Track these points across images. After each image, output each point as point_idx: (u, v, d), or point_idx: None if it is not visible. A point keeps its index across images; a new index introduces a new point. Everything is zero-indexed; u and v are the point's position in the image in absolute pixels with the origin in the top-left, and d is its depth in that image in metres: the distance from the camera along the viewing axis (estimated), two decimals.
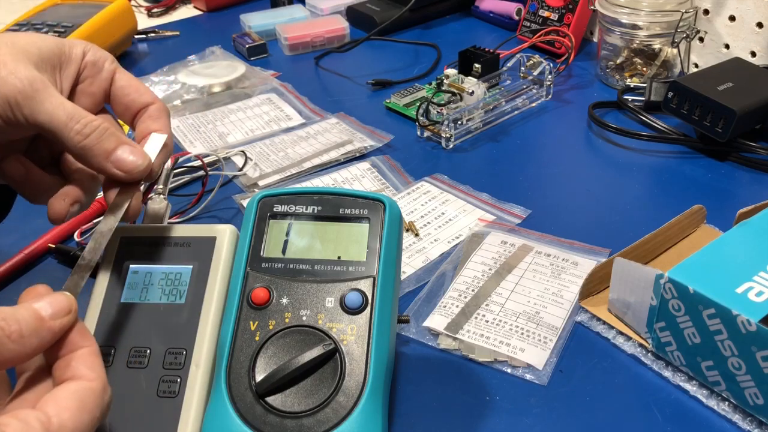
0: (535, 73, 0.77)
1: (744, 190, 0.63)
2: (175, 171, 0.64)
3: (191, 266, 0.42)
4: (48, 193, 0.41)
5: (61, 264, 0.58)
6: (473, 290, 0.52)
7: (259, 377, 0.37)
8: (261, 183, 0.66)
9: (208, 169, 0.64)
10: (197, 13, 1.12)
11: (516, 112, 0.77)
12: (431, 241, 0.58)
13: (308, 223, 0.42)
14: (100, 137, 0.38)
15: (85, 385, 0.31)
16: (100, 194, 0.65)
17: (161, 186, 0.54)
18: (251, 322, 0.39)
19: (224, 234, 0.43)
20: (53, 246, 0.58)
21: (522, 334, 0.48)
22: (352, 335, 0.38)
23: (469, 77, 0.76)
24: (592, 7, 0.83)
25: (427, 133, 0.73)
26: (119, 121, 0.45)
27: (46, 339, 0.31)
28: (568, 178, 0.67)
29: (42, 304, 0.31)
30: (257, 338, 0.38)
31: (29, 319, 0.30)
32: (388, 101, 0.79)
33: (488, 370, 0.46)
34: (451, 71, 0.77)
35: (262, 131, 0.75)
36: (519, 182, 0.66)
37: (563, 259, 0.54)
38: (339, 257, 0.41)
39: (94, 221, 0.61)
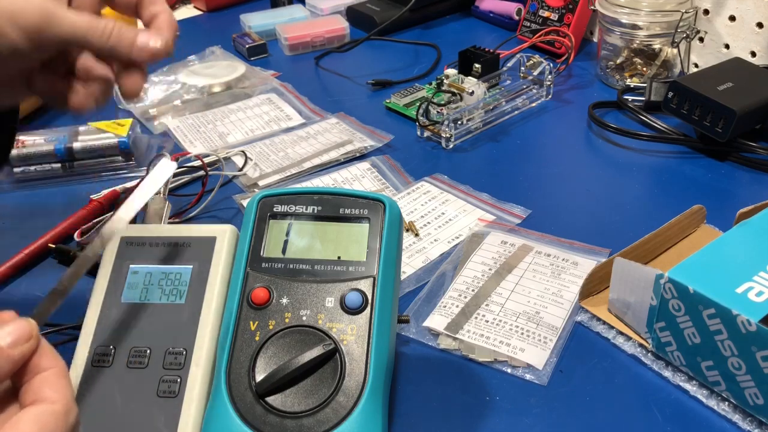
0: (535, 73, 0.77)
1: (744, 190, 0.63)
2: (175, 171, 0.64)
3: (191, 266, 0.42)
4: (71, 97, 0.44)
5: (61, 264, 0.58)
6: (473, 290, 0.52)
7: (259, 377, 0.37)
8: (261, 183, 0.66)
9: (208, 169, 0.64)
10: (197, 13, 1.12)
11: (516, 112, 0.77)
12: (431, 241, 0.58)
13: (308, 223, 0.42)
14: (120, 33, 0.43)
15: (46, 408, 0.31)
16: (100, 194, 0.65)
17: (161, 186, 0.54)
18: (251, 322, 0.39)
19: (224, 234, 0.43)
20: (53, 246, 0.58)
21: (522, 334, 0.48)
22: (352, 335, 0.38)
23: (469, 77, 0.76)
24: (592, 7, 0.83)
25: (427, 133, 0.73)
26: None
27: (5, 369, 0.31)
28: (568, 178, 0.67)
29: (0, 334, 0.31)
30: (257, 338, 0.38)
31: None
32: (388, 101, 0.79)
33: (488, 370, 0.46)
34: (451, 71, 0.77)
35: (262, 131, 0.75)
36: (519, 182, 0.66)
37: (563, 259, 0.54)
38: (339, 257, 0.41)
39: (95, 221, 0.61)
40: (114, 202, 0.62)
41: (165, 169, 0.42)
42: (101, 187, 0.66)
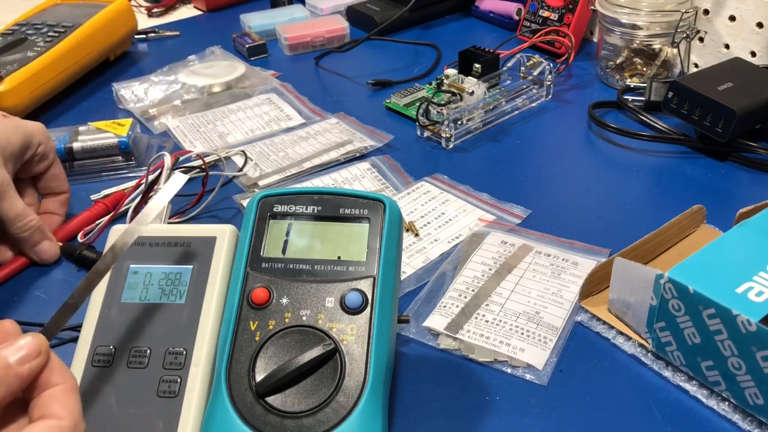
0: (535, 73, 0.77)
1: (744, 190, 0.63)
2: (176, 170, 0.64)
3: (191, 266, 0.42)
4: None
5: (68, 261, 0.58)
6: (473, 290, 0.52)
7: (259, 377, 0.37)
8: (261, 183, 0.66)
9: (209, 168, 0.64)
10: (197, 13, 1.12)
11: (516, 112, 0.77)
12: (431, 241, 0.58)
13: (308, 223, 0.42)
14: (32, 233, 0.55)
15: (53, 424, 0.31)
16: (101, 194, 0.65)
17: (161, 186, 0.54)
18: (251, 322, 0.39)
19: (224, 234, 0.43)
20: (61, 244, 0.58)
21: (522, 334, 0.48)
22: (352, 335, 0.38)
23: (469, 77, 0.76)
24: (592, 7, 0.83)
25: (427, 133, 0.73)
26: None
27: (14, 385, 0.31)
28: (568, 178, 0.67)
29: (8, 351, 0.31)
30: (257, 338, 0.38)
31: None
32: (388, 101, 0.79)
33: (488, 370, 0.46)
34: (451, 71, 0.77)
35: (262, 131, 0.75)
36: (519, 182, 0.66)
37: (563, 259, 0.54)
38: (339, 257, 0.41)
39: (97, 222, 0.61)
40: (117, 204, 0.62)
41: (176, 183, 0.43)
42: (101, 187, 0.66)
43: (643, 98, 0.74)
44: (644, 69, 0.80)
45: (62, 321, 0.36)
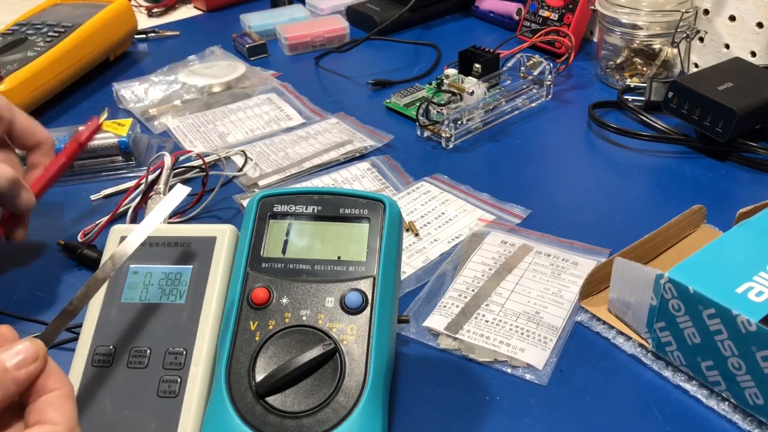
0: (535, 73, 0.77)
1: (744, 190, 0.63)
2: (175, 170, 0.64)
3: (191, 266, 0.42)
4: None
5: (69, 260, 0.58)
6: (473, 290, 0.52)
7: (259, 377, 0.37)
8: (261, 183, 0.66)
9: (209, 168, 0.64)
10: (197, 13, 1.12)
11: (516, 112, 0.77)
12: (431, 241, 0.58)
13: (308, 223, 0.42)
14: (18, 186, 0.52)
15: (49, 429, 0.31)
16: (101, 194, 0.65)
17: (161, 186, 0.54)
18: (251, 322, 0.39)
19: (224, 234, 0.43)
20: (61, 243, 0.58)
21: (522, 334, 0.48)
22: (352, 335, 0.38)
23: (469, 77, 0.76)
24: (592, 7, 0.83)
25: (427, 133, 0.73)
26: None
27: (11, 390, 0.31)
28: (568, 178, 0.67)
29: (6, 355, 0.31)
30: (257, 338, 0.38)
31: None
32: (388, 101, 0.79)
33: (488, 370, 0.46)
34: (451, 71, 0.77)
35: (262, 131, 0.75)
36: (519, 182, 0.66)
37: (563, 259, 0.54)
38: (339, 257, 0.41)
39: (97, 222, 0.61)
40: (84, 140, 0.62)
41: (178, 194, 0.42)
42: (101, 187, 0.66)
43: (643, 98, 0.74)
44: (644, 69, 0.80)
45: (61, 327, 0.36)
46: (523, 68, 0.78)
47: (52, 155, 0.59)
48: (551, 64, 0.77)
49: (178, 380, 0.39)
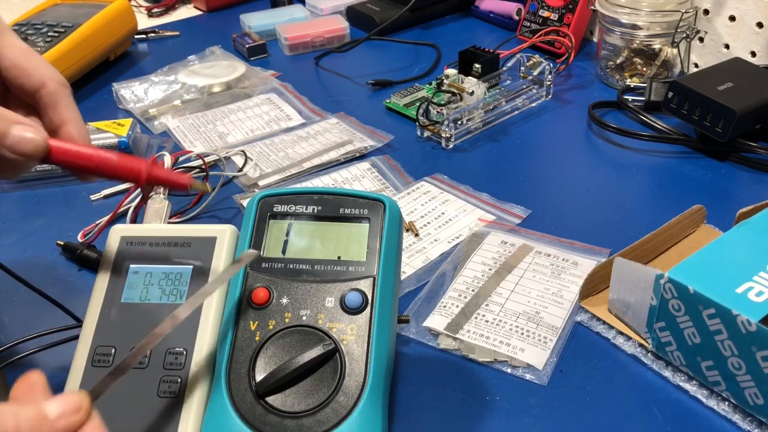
0: (535, 73, 0.77)
1: (744, 190, 0.63)
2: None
3: (191, 266, 0.42)
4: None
5: (69, 260, 0.58)
6: (473, 290, 0.52)
7: (259, 377, 0.37)
8: (261, 183, 0.66)
9: (209, 168, 0.64)
10: (197, 13, 1.12)
11: (516, 112, 0.77)
12: (431, 241, 0.58)
13: (308, 223, 0.42)
14: None
15: None
16: (101, 194, 0.65)
17: (161, 192, 0.54)
18: (251, 322, 0.39)
19: (225, 234, 0.43)
20: (60, 243, 0.58)
21: (522, 334, 0.48)
22: (352, 335, 0.38)
23: (469, 77, 0.76)
24: (592, 7, 0.83)
25: (427, 133, 0.73)
26: None
27: None
28: (568, 178, 0.67)
29: (50, 403, 0.31)
30: (257, 338, 0.38)
31: (30, 417, 0.30)
32: (388, 101, 0.79)
33: (488, 370, 0.46)
34: (451, 71, 0.77)
35: (262, 131, 0.75)
36: (519, 182, 0.66)
37: (563, 259, 0.54)
38: (339, 257, 0.41)
39: (97, 222, 0.61)
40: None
41: (238, 265, 0.40)
42: (100, 188, 0.66)
43: (643, 98, 0.74)
44: (644, 69, 0.80)
45: (111, 383, 0.34)
46: (523, 68, 0.78)
47: (66, 104, 0.39)
48: (551, 64, 0.77)
49: (179, 380, 0.39)
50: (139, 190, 0.60)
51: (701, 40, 0.81)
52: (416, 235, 0.59)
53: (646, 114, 0.71)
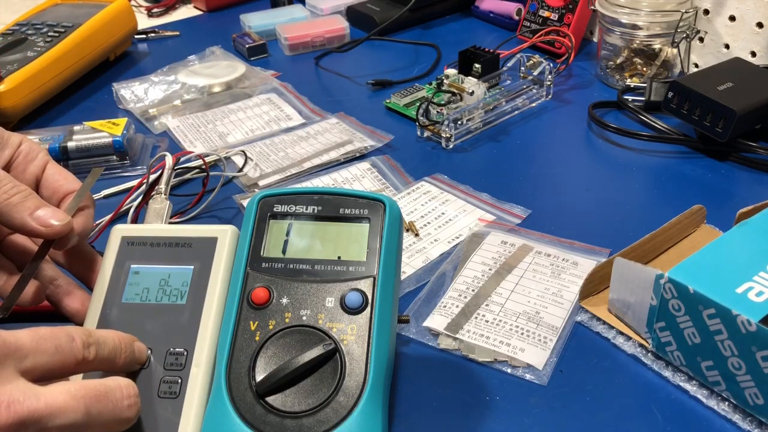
0: (535, 73, 0.77)
1: (744, 190, 0.63)
2: (176, 170, 0.64)
3: (192, 267, 0.42)
4: None
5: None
6: (473, 290, 0.52)
7: (259, 377, 0.37)
8: (261, 183, 0.66)
9: (209, 169, 0.64)
10: (197, 13, 1.12)
11: (516, 112, 0.77)
12: (431, 241, 0.58)
13: (308, 223, 0.42)
14: (24, 198, 0.41)
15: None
16: (101, 194, 0.65)
17: (163, 186, 0.54)
18: (251, 322, 0.39)
19: (225, 235, 0.43)
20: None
21: (522, 334, 0.48)
22: (352, 335, 0.38)
23: (469, 77, 0.76)
24: (592, 7, 0.83)
25: (427, 133, 0.73)
26: None
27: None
28: (568, 178, 0.67)
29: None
30: (257, 338, 0.38)
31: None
32: (388, 101, 0.79)
33: (488, 370, 0.46)
34: (451, 71, 0.77)
35: (262, 131, 0.75)
36: (519, 182, 0.66)
37: (563, 259, 0.54)
38: (339, 257, 0.41)
39: (98, 222, 0.61)
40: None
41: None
42: (101, 187, 0.66)
43: (643, 98, 0.74)
44: (644, 69, 0.80)
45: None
46: (523, 68, 0.78)
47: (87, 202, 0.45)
48: (551, 64, 0.77)
49: (179, 381, 0.39)
50: (140, 190, 0.60)
51: (701, 40, 0.81)
52: (416, 235, 0.59)
53: (646, 114, 0.71)
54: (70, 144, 0.67)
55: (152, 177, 0.58)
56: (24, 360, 0.31)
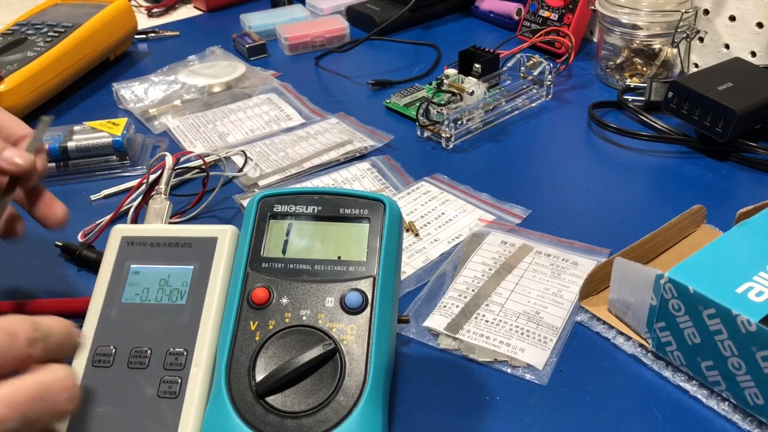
0: (535, 73, 0.77)
1: (744, 190, 0.63)
2: (176, 170, 0.64)
3: (192, 267, 0.42)
4: None
5: (67, 261, 0.58)
6: (473, 290, 0.52)
7: (259, 377, 0.37)
8: (261, 183, 0.66)
9: (209, 169, 0.64)
10: (197, 13, 1.12)
11: (516, 112, 0.77)
12: (431, 241, 0.58)
13: (308, 223, 0.42)
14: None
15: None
16: (101, 194, 0.65)
17: (163, 186, 0.54)
18: (251, 322, 0.39)
19: (225, 235, 0.43)
20: (59, 244, 0.58)
21: (522, 334, 0.48)
22: (352, 335, 0.38)
23: (469, 77, 0.76)
24: (592, 7, 0.83)
25: (427, 133, 0.73)
26: None
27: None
28: (568, 178, 0.67)
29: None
30: (257, 338, 0.38)
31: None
32: (388, 101, 0.79)
33: (488, 370, 0.46)
34: (451, 71, 0.77)
35: (262, 131, 0.75)
36: (519, 182, 0.66)
37: (563, 259, 0.55)
38: (339, 257, 0.41)
39: (98, 222, 0.61)
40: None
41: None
42: (100, 187, 0.66)
43: (643, 98, 0.74)
44: (644, 69, 0.80)
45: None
46: (523, 68, 0.78)
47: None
48: (551, 64, 0.77)
49: (179, 381, 0.39)
50: (140, 190, 0.60)
51: (701, 40, 0.81)
52: (416, 235, 0.59)
53: (646, 114, 0.71)
54: (70, 144, 0.67)
55: (152, 177, 0.58)
56: None
